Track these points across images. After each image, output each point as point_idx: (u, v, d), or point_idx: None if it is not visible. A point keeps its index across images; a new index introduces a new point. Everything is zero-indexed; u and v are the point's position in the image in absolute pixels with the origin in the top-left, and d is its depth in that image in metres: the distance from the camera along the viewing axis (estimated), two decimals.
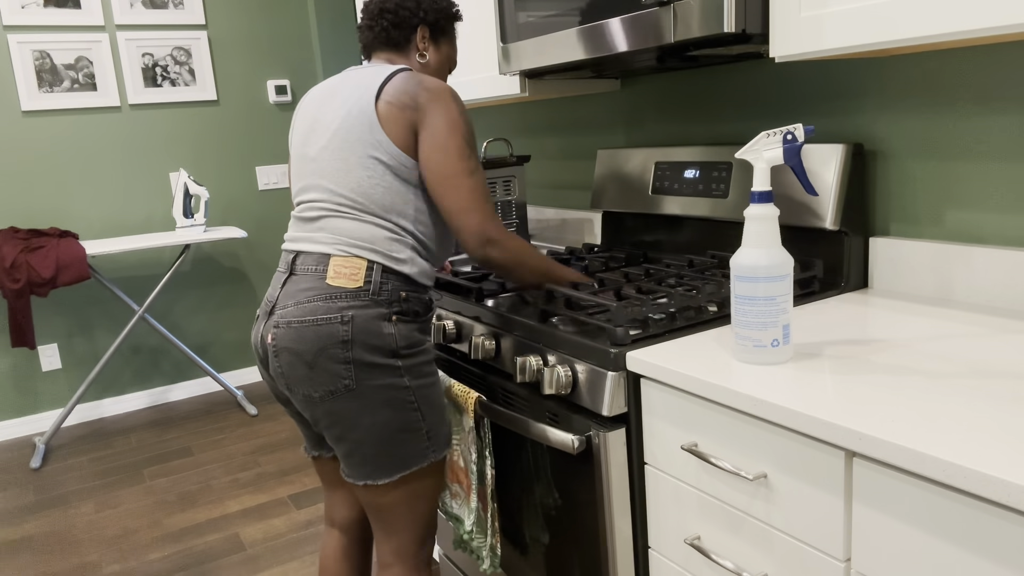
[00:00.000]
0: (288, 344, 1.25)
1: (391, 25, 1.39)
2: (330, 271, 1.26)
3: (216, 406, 3.76)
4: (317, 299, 1.25)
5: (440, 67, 1.47)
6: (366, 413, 1.25)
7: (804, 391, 0.94)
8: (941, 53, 1.29)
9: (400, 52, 1.42)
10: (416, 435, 1.30)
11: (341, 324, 1.23)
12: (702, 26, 1.20)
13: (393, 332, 1.26)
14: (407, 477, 1.32)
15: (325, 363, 1.23)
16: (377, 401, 1.25)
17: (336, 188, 1.29)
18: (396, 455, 1.29)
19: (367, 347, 1.24)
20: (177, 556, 2.37)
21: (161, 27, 3.65)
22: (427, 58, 1.43)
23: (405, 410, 1.28)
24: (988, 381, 0.93)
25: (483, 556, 1.52)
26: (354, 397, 1.25)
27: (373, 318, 1.25)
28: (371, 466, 1.29)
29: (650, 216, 1.85)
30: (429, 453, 1.32)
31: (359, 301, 1.25)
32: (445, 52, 1.47)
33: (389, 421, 1.27)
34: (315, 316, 1.24)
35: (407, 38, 1.41)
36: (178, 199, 3.46)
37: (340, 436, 1.28)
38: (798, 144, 1.06)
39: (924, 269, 1.35)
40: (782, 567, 0.98)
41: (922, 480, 0.79)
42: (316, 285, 1.26)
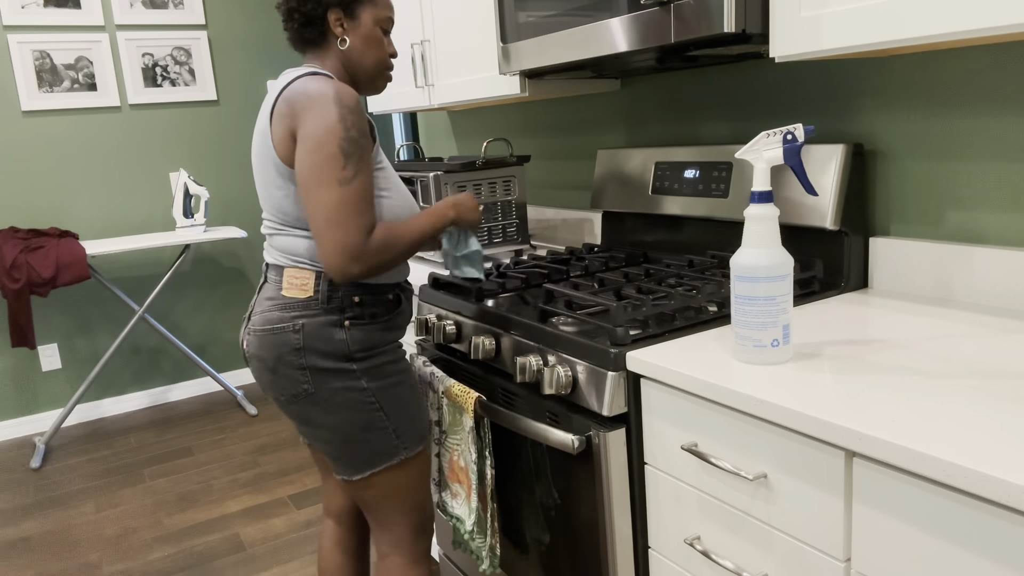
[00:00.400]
0: (254, 351, 1.33)
1: (301, 25, 1.33)
2: (284, 282, 1.32)
3: (216, 406, 3.76)
4: (274, 309, 1.31)
5: (367, 41, 1.36)
6: (328, 415, 1.31)
7: (804, 391, 0.94)
8: (941, 53, 1.29)
9: (321, 47, 1.35)
10: (382, 433, 1.34)
11: (293, 332, 1.29)
12: (702, 26, 1.20)
13: (344, 337, 1.30)
14: (382, 474, 1.36)
15: (284, 369, 1.30)
16: (336, 403, 1.31)
17: (266, 208, 1.34)
18: (363, 453, 1.34)
19: (319, 353, 1.29)
20: (177, 556, 2.37)
21: (161, 27, 3.65)
22: (348, 41, 1.34)
23: (366, 410, 1.32)
24: (988, 381, 0.93)
25: (483, 556, 1.52)
26: (314, 401, 1.31)
27: (323, 325, 1.29)
28: (342, 464, 1.35)
29: (650, 216, 1.85)
30: (400, 450, 1.36)
31: (310, 310, 1.30)
32: (368, 21, 1.35)
33: (352, 421, 1.31)
34: (271, 325, 1.30)
35: (322, 31, 1.33)
36: (178, 199, 3.46)
37: (311, 436, 1.36)
38: (798, 144, 1.06)
39: (924, 269, 1.35)
40: (782, 567, 0.98)
41: (922, 480, 0.79)
42: (275, 295, 1.33)
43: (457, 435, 1.50)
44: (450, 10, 2.03)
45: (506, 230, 2.08)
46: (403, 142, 3.84)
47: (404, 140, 4.54)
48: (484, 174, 2.02)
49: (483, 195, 2.03)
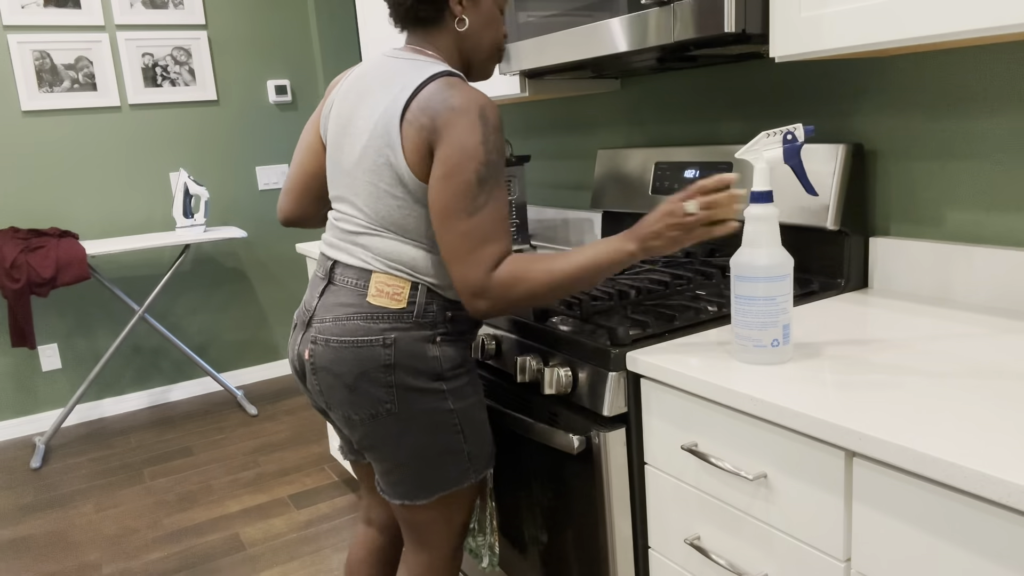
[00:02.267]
0: (326, 364, 1.19)
1: (419, 2, 1.20)
2: (371, 288, 1.19)
3: (216, 406, 3.76)
4: (357, 317, 1.18)
5: (487, 21, 1.25)
6: (408, 436, 1.20)
7: (804, 391, 0.94)
8: (941, 53, 1.29)
9: (434, 27, 1.23)
10: (458, 457, 1.25)
11: (383, 347, 1.17)
12: (702, 26, 1.20)
13: (438, 355, 1.20)
14: (445, 497, 1.28)
15: (367, 386, 1.18)
16: (420, 425, 1.20)
17: (369, 211, 1.20)
18: (436, 477, 1.24)
19: (411, 371, 1.18)
20: (177, 556, 2.37)
21: (161, 27, 3.65)
22: (467, 22, 1.23)
23: (448, 433, 1.22)
24: (988, 381, 0.93)
25: (482, 555, 1.52)
26: (396, 421, 1.19)
27: (417, 340, 1.18)
28: (409, 486, 1.25)
29: None
30: (470, 474, 1.27)
31: (403, 323, 1.18)
32: (487, 3, 1.25)
33: (432, 444, 1.22)
34: (355, 337, 1.17)
35: (440, 9, 1.21)
36: (178, 199, 3.46)
37: (380, 457, 1.24)
38: (798, 144, 1.06)
39: (924, 269, 1.35)
40: (782, 567, 0.98)
41: (922, 480, 0.79)
42: (356, 302, 1.19)
43: None
44: None
45: None
46: None
47: None
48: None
49: None
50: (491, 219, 1.10)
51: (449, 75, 1.16)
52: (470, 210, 1.09)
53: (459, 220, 1.10)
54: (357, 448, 1.31)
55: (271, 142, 3.98)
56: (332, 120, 1.27)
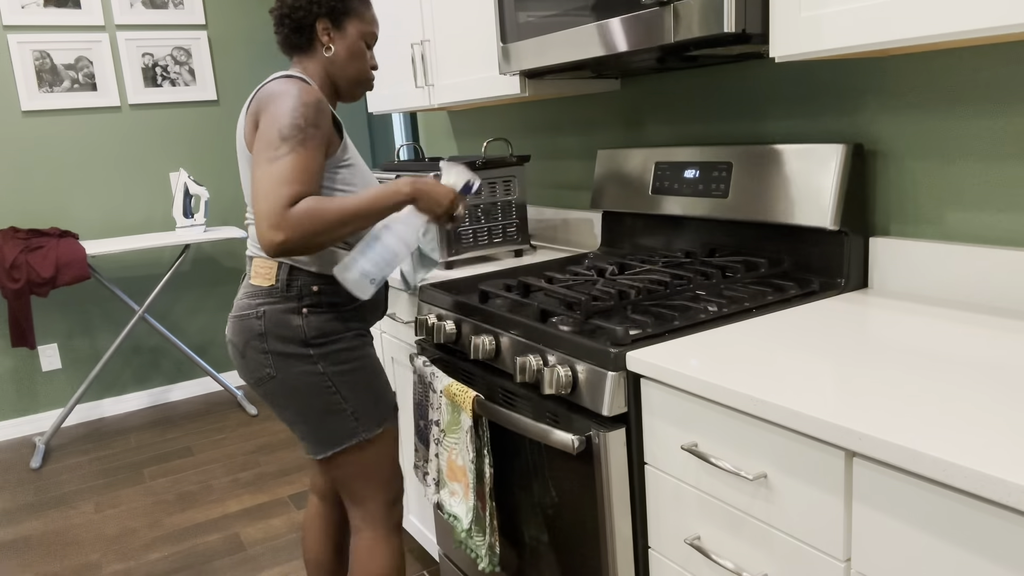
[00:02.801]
0: (230, 336, 1.44)
1: (291, 31, 1.43)
2: (252, 271, 1.43)
3: (216, 406, 3.76)
4: (244, 297, 1.42)
5: (351, 52, 1.45)
6: (291, 397, 1.40)
7: (804, 391, 0.95)
8: (941, 53, 1.29)
9: (307, 53, 1.45)
10: (340, 416, 1.42)
11: (256, 319, 1.38)
12: (702, 26, 1.20)
13: (302, 324, 1.38)
14: (346, 454, 1.45)
15: (251, 353, 1.39)
16: (296, 386, 1.39)
17: (247, 201, 1.43)
18: (324, 434, 1.43)
19: (279, 338, 1.37)
20: (177, 556, 2.37)
21: (161, 27, 3.65)
22: (333, 49, 1.43)
23: (324, 394, 1.40)
24: (988, 381, 0.93)
25: (482, 555, 1.52)
26: (278, 384, 1.40)
27: (282, 312, 1.38)
28: (308, 443, 1.45)
29: (650, 216, 1.85)
30: (359, 431, 1.44)
31: (272, 298, 1.39)
32: (354, 33, 1.44)
33: (311, 404, 1.40)
34: (241, 312, 1.41)
35: (309, 38, 1.43)
36: (178, 199, 3.46)
37: (279, 416, 1.45)
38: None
39: (924, 269, 1.35)
40: (782, 567, 0.98)
41: (922, 480, 0.79)
42: (246, 284, 1.44)
43: (455, 434, 1.50)
44: (450, 10, 2.03)
45: (506, 230, 2.08)
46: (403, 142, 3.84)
47: (404, 140, 4.54)
48: (484, 174, 2.02)
49: (483, 195, 2.03)
50: (291, 167, 1.24)
51: (289, 76, 1.34)
52: (271, 158, 1.24)
53: (261, 166, 1.25)
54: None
55: None
56: None
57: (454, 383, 1.50)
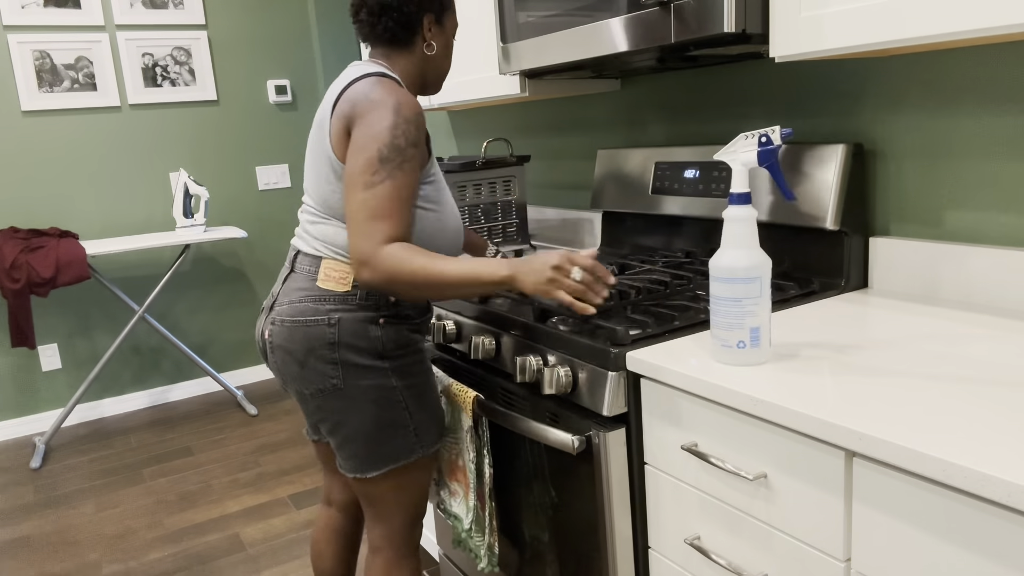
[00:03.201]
0: (281, 342, 1.31)
1: (397, 25, 1.32)
2: (321, 273, 1.30)
3: (216, 406, 3.76)
4: (308, 300, 1.30)
5: (447, 48, 1.40)
6: (354, 410, 1.31)
7: (804, 391, 0.94)
8: (941, 53, 1.29)
9: (404, 47, 1.35)
10: (403, 431, 1.34)
11: (328, 326, 1.28)
12: (702, 26, 1.20)
13: (380, 335, 1.30)
14: (395, 470, 1.36)
15: (315, 363, 1.29)
16: (365, 399, 1.30)
17: (318, 199, 1.32)
18: (384, 450, 1.34)
19: (353, 349, 1.28)
20: (177, 556, 2.37)
21: (161, 27, 3.65)
22: (434, 47, 1.36)
23: (393, 408, 1.32)
24: (988, 381, 0.93)
25: (481, 555, 1.52)
26: (342, 396, 1.30)
27: (360, 321, 1.29)
28: (359, 459, 1.35)
29: (650, 216, 1.85)
30: (417, 449, 1.37)
31: (347, 305, 1.29)
32: (450, 28, 1.39)
33: (377, 418, 1.31)
34: (305, 317, 1.29)
35: (413, 34, 1.34)
36: (178, 199, 3.46)
37: (331, 431, 1.35)
38: (774, 147, 1.06)
39: (924, 269, 1.35)
40: (782, 567, 0.98)
41: (922, 480, 0.79)
42: (308, 286, 1.31)
43: (456, 434, 1.50)
44: None
45: (506, 230, 2.08)
46: None
47: None
48: (484, 174, 2.02)
49: (483, 195, 2.03)
50: (387, 196, 1.19)
51: (382, 75, 1.27)
52: (368, 183, 1.19)
53: (358, 191, 1.19)
54: (311, 423, 1.39)
55: (271, 142, 3.98)
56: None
57: (454, 383, 1.50)
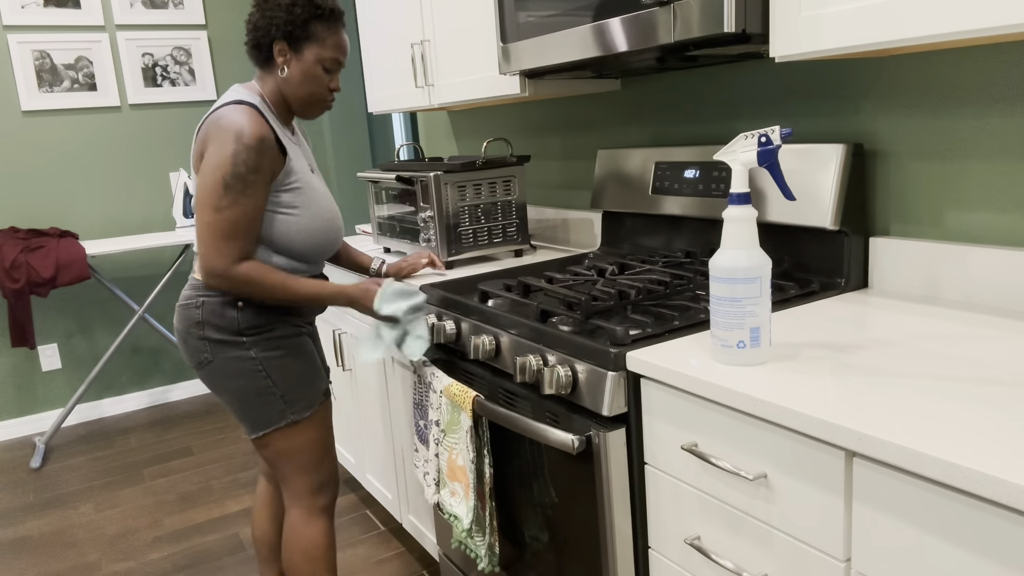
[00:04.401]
0: (175, 323, 1.56)
1: (251, 47, 1.50)
2: (195, 265, 1.54)
3: (216, 406, 3.76)
4: (188, 288, 1.54)
5: (305, 76, 1.49)
6: (226, 380, 1.51)
7: (804, 391, 0.94)
8: (941, 53, 1.29)
9: (265, 69, 1.52)
10: (270, 399, 1.52)
11: (195, 308, 1.50)
12: (702, 26, 1.20)
13: (236, 315, 1.49)
14: (275, 434, 1.55)
15: (190, 340, 1.51)
16: (230, 371, 1.50)
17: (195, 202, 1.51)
18: (256, 415, 1.53)
19: (215, 327, 1.49)
20: (177, 556, 2.37)
21: (161, 27, 3.65)
22: (287, 71, 1.49)
23: (255, 378, 1.51)
24: (988, 381, 0.93)
25: (481, 555, 1.52)
26: (214, 369, 1.51)
27: (220, 304, 1.49)
28: (246, 424, 1.56)
29: (650, 216, 1.85)
30: (287, 414, 1.54)
31: (210, 291, 1.49)
32: (311, 59, 1.49)
33: (244, 387, 1.51)
34: (184, 302, 1.52)
35: (267, 57, 1.49)
36: (178, 199, 3.46)
37: (219, 400, 1.56)
38: (773, 147, 1.06)
39: (924, 269, 1.35)
40: (782, 567, 0.98)
41: (922, 480, 0.79)
42: (191, 276, 1.55)
43: (455, 434, 1.50)
44: (450, 10, 2.03)
45: (506, 230, 2.08)
46: (403, 142, 3.84)
47: (404, 140, 4.54)
48: (484, 174, 2.02)
49: (483, 195, 2.03)
50: (234, 220, 1.41)
51: (242, 103, 1.43)
52: (217, 207, 1.39)
53: (207, 213, 1.40)
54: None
55: None
56: None
57: (454, 383, 1.50)
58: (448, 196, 1.97)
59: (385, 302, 1.53)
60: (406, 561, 2.25)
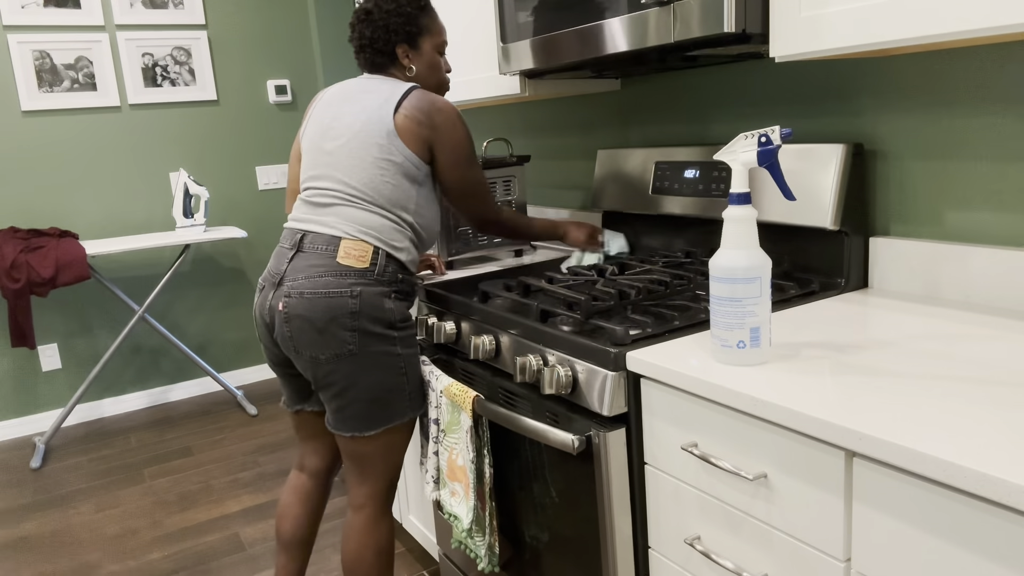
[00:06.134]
0: (301, 312, 1.44)
1: (374, 54, 1.58)
2: (340, 251, 1.45)
3: (216, 406, 3.76)
4: (328, 275, 1.44)
5: (430, 67, 1.62)
6: (364, 374, 1.46)
7: (804, 391, 0.95)
8: (941, 53, 1.29)
9: (392, 72, 1.60)
10: (401, 395, 1.51)
11: (351, 298, 1.43)
12: (702, 26, 1.20)
13: (392, 307, 1.47)
14: (388, 431, 1.53)
15: (335, 330, 1.43)
16: (374, 364, 1.47)
17: (349, 180, 1.48)
18: (384, 411, 1.51)
19: (371, 319, 1.45)
20: (177, 556, 2.37)
21: (161, 27, 3.65)
22: (415, 69, 1.60)
23: (395, 373, 1.49)
24: (988, 381, 0.93)
25: (481, 555, 1.52)
26: (355, 360, 1.45)
27: (377, 295, 1.46)
28: (361, 419, 1.50)
29: (650, 216, 1.85)
30: (408, 411, 1.54)
31: (366, 279, 1.45)
32: (429, 50, 1.61)
33: (382, 382, 1.48)
34: (327, 289, 1.43)
35: (392, 60, 1.59)
36: (178, 199, 3.46)
37: (338, 393, 1.48)
38: (773, 147, 1.06)
39: (924, 269, 1.35)
40: (782, 567, 0.98)
41: (922, 480, 0.79)
42: (326, 263, 1.45)
43: (455, 434, 1.50)
44: (450, 10, 2.03)
45: None
46: None
47: None
48: (484, 174, 2.02)
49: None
50: (485, 184, 1.60)
51: (419, 88, 1.54)
52: (475, 174, 1.57)
53: (476, 171, 1.57)
54: (315, 388, 1.52)
55: (271, 142, 3.98)
56: (312, 123, 1.59)
57: (454, 383, 1.50)
58: None
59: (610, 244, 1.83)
60: (406, 561, 2.25)
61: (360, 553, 1.60)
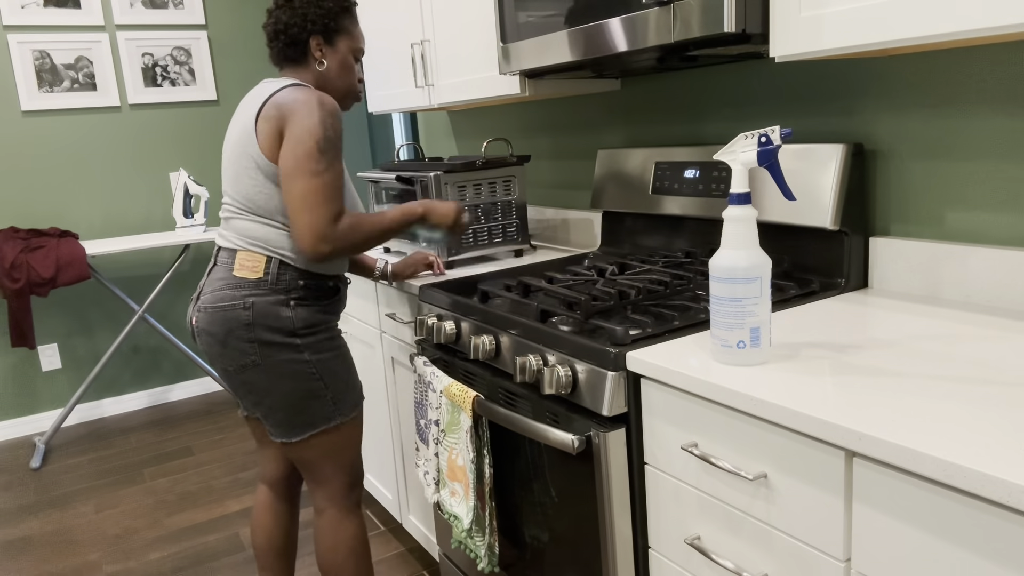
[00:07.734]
0: (204, 326, 1.48)
1: (285, 45, 1.53)
2: (236, 264, 1.49)
3: (216, 406, 3.76)
4: (226, 288, 1.47)
5: (342, 67, 1.58)
6: (273, 383, 1.48)
7: (804, 391, 0.94)
8: (941, 53, 1.29)
9: (301, 65, 1.56)
10: (320, 400, 1.52)
11: (243, 309, 1.45)
12: (702, 26, 1.20)
13: (291, 315, 1.47)
14: (319, 435, 1.55)
15: (234, 342, 1.46)
16: (281, 373, 1.48)
17: (234, 193, 1.50)
18: (303, 418, 1.52)
19: (267, 328, 1.46)
20: (177, 556, 2.37)
21: (161, 27, 3.65)
22: (325, 64, 1.56)
23: (307, 380, 1.50)
24: (988, 381, 0.93)
25: (481, 555, 1.52)
26: (261, 371, 1.47)
27: (271, 303, 1.46)
28: (284, 427, 1.53)
29: (650, 216, 1.85)
30: (335, 415, 1.55)
31: (260, 290, 1.47)
32: (344, 49, 1.57)
33: (294, 389, 1.49)
34: (223, 303, 1.46)
35: (303, 52, 1.54)
36: (178, 199, 3.46)
37: (256, 403, 1.52)
38: (773, 147, 1.06)
39: (924, 269, 1.35)
40: (782, 567, 0.98)
41: (922, 480, 0.79)
42: (226, 276, 1.49)
43: (455, 434, 1.50)
44: (450, 10, 2.03)
45: (506, 230, 2.08)
46: (403, 142, 3.84)
47: (404, 140, 4.54)
48: (484, 174, 2.02)
49: (483, 195, 2.03)
50: (332, 184, 1.41)
51: (299, 85, 1.46)
52: (314, 172, 1.39)
53: (305, 178, 1.38)
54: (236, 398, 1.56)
55: None
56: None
57: (454, 383, 1.50)
58: (448, 196, 1.97)
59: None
60: (406, 561, 2.25)
61: (330, 556, 1.63)
